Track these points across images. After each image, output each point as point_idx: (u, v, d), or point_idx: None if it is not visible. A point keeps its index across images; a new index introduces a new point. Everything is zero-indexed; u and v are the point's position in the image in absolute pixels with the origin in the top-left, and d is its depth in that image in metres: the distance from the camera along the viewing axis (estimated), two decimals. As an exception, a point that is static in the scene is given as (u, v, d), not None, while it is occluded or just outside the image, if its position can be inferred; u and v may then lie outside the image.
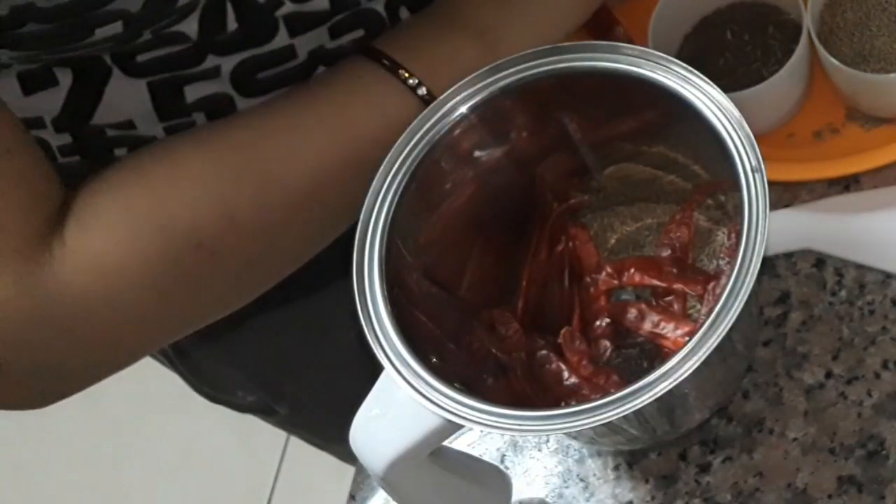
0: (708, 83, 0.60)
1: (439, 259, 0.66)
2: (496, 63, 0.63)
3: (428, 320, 0.64)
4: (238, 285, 0.68)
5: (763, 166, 0.58)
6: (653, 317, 0.67)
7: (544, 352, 0.68)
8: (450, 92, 0.63)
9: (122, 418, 1.83)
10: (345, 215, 0.67)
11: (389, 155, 0.63)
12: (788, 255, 0.73)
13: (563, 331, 0.68)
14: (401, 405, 0.58)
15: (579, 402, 0.58)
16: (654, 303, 0.69)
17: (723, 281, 0.58)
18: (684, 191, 0.69)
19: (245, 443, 1.77)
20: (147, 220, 0.63)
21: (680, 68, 0.61)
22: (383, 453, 0.58)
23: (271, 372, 0.96)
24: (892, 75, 0.71)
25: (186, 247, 0.64)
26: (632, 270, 0.69)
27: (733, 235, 0.67)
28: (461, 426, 0.57)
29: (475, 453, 0.74)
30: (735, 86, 0.72)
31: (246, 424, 1.11)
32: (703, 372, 0.56)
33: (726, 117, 0.59)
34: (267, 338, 0.92)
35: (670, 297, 0.69)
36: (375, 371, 0.60)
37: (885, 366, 0.68)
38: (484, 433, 0.74)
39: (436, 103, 0.63)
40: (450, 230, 0.67)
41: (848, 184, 0.73)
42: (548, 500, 0.72)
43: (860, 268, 0.71)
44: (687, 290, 0.68)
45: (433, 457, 0.60)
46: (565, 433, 0.70)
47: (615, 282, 0.70)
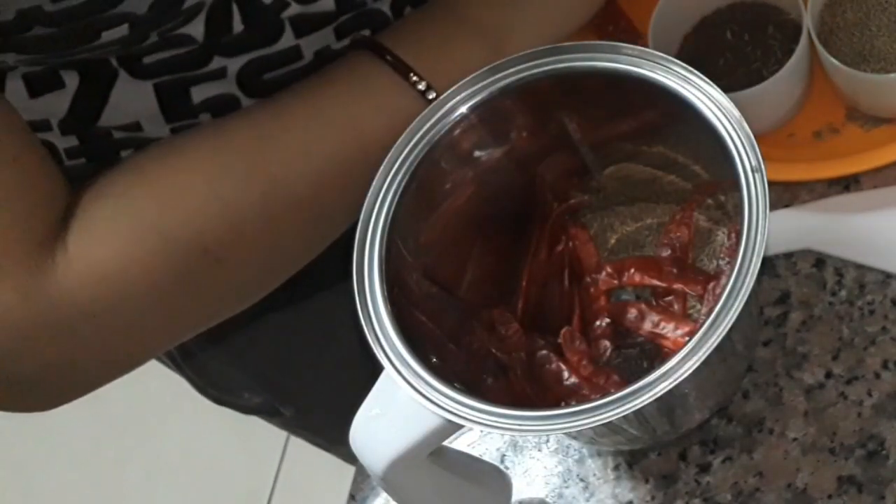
0: (708, 83, 0.60)
1: (439, 259, 0.66)
2: (496, 63, 0.63)
3: (428, 320, 0.64)
4: (243, 289, 0.68)
5: (763, 166, 0.58)
6: (653, 317, 0.67)
7: (544, 352, 0.68)
8: (450, 92, 0.63)
9: (122, 419, 1.83)
10: (347, 215, 0.67)
11: (389, 155, 0.63)
12: (788, 255, 0.73)
13: (563, 331, 0.68)
14: (401, 405, 0.58)
15: (579, 402, 0.58)
16: (654, 303, 0.69)
17: (723, 281, 0.58)
18: (684, 191, 0.69)
19: (245, 443, 1.77)
20: (152, 227, 0.63)
21: (680, 68, 0.61)
22: (383, 453, 0.58)
23: (277, 373, 0.96)
24: (892, 75, 0.71)
25: (191, 254, 0.64)
26: (632, 270, 0.69)
27: (733, 235, 0.67)
28: (461, 426, 0.57)
29: (475, 453, 0.74)
30: (735, 86, 0.72)
31: (246, 425, 1.11)
32: (703, 372, 0.56)
33: (726, 117, 0.59)
34: (273, 339, 0.92)
35: (670, 297, 0.69)
36: (375, 371, 0.60)
37: (885, 366, 0.68)
38: (484, 433, 0.74)
39: (436, 103, 0.64)
40: (450, 230, 0.67)
41: (848, 184, 0.73)
42: (548, 500, 0.72)
43: (860, 268, 0.71)
44: (687, 290, 0.68)
45: (433, 457, 0.60)
46: (565, 433, 0.70)
47: (615, 282, 0.70)
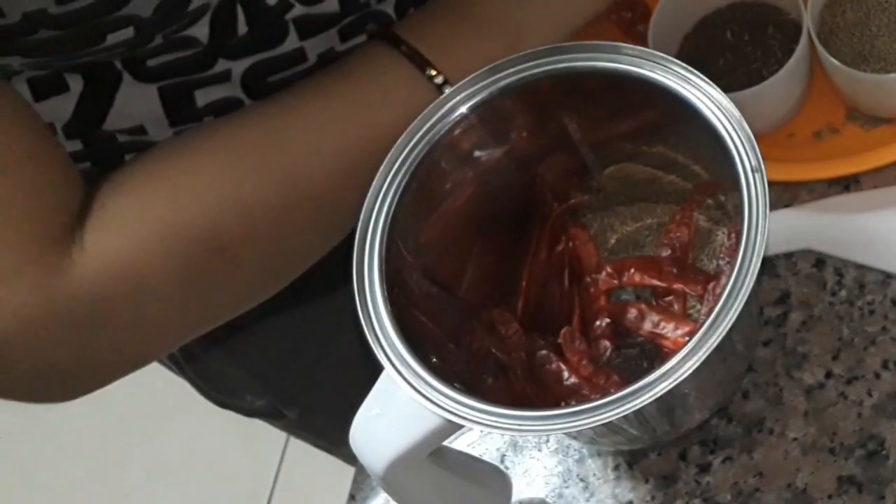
0: (708, 83, 0.60)
1: (439, 259, 0.66)
2: (496, 63, 0.63)
3: (428, 320, 0.64)
4: (258, 285, 0.68)
5: (763, 166, 0.58)
6: (653, 317, 0.67)
7: (544, 352, 0.68)
8: (450, 92, 0.63)
9: (123, 419, 1.83)
10: (361, 209, 0.67)
11: (389, 155, 0.63)
12: (788, 255, 0.73)
13: (563, 331, 0.68)
14: (401, 405, 0.58)
15: (579, 402, 0.58)
16: (654, 303, 0.69)
17: (723, 281, 0.58)
18: (684, 191, 0.69)
19: (245, 444, 1.77)
20: (168, 225, 0.63)
21: (680, 68, 0.61)
22: (383, 453, 0.58)
23: (280, 375, 0.96)
24: (892, 75, 0.71)
25: (207, 252, 0.64)
26: (632, 270, 0.69)
27: (733, 235, 0.67)
28: (461, 426, 0.57)
29: (475, 453, 0.74)
30: (735, 86, 0.72)
31: (246, 425, 1.11)
32: (703, 372, 0.56)
33: (726, 117, 0.59)
34: (275, 341, 0.92)
35: (670, 297, 0.69)
36: (375, 371, 0.60)
37: (885, 366, 0.68)
38: (484, 433, 0.74)
39: (436, 103, 0.63)
40: (450, 230, 0.67)
41: (848, 184, 0.73)
42: (548, 500, 0.72)
43: (860, 268, 0.71)
44: (687, 290, 0.68)
45: (433, 457, 0.60)
46: (565, 433, 0.70)
47: (615, 282, 0.70)
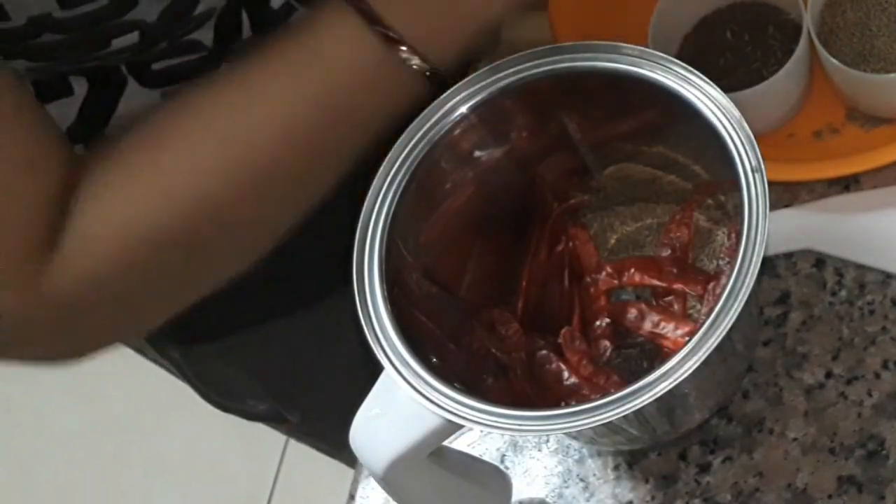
0: (708, 83, 0.60)
1: (439, 259, 0.66)
2: (496, 63, 0.63)
3: (428, 320, 0.64)
4: (237, 254, 0.67)
5: (763, 166, 0.58)
6: (653, 317, 0.68)
7: (544, 352, 0.68)
8: (450, 92, 0.63)
9: (122, 420, 1.83)
10: (332, 164, 0.65)
11: (389, 155, 0.63)
12: (788, 255, 0.73)
13: (563, 331, 0.68)
14: (401, 405, 0.58)
15: (579, 402, 0.58)
16: (654, 303, 0.69)
17: (723, 281, 0.58)
18: (684, 191, 0.69)
19: (244, 444, 1.77)
20: (144, 230, 0.62)
21: (680, 68, 0.61)
22: (383, 453, 0.58)
23: (282, 378, 0.96)
24: (892, 75, 0.71)
25: (183, 250, 0.63)
26: (632, 270, 0.69)
27: (733, 235, 0.67)
28: (461, 426, 0.57)
29: (475, 453, 0.74)
30: (735, 86, 0.72)
31: (245, 426, 1.10)
32: (703, 372, 0.56)
33: (726, 117, 0.59)
34: (276, 345, 0.92)
35: (670, 297, 0.69)
36: (376, 372, 0.60)
37: (885, 366, 0.68)
38: (484, 433, 0.74)
39: (436, 103, 0.63)
40: (450, 230, 0.67)
41: (848, 184, 0.73)
42: (548, 500, 0.72)
43: (860, 268, 0.71)
44: (687, 290, 0.68)
45: (433, 457, 0.60)
46: (565, 433, 0.70)
47: (615, 282, 0.70)
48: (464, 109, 0.63)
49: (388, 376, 0.58)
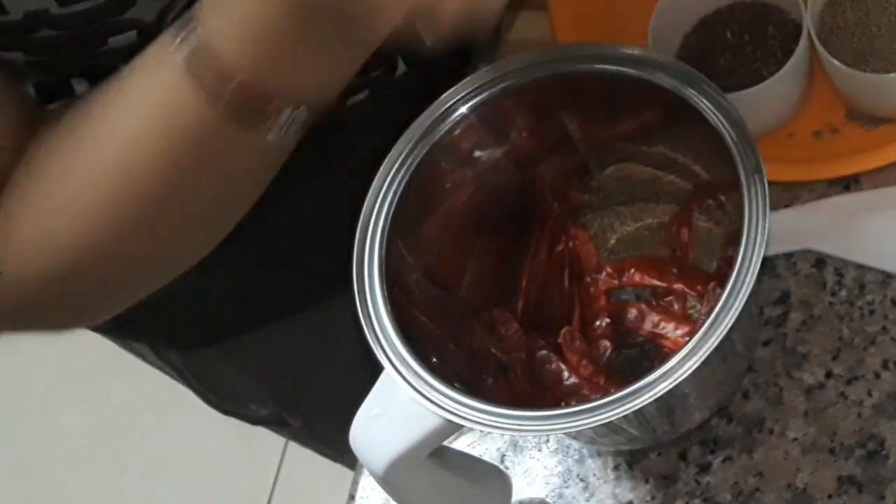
0: (708, 83, 0.60)
1: (439, 259, 0.66)
2: (496, 63, 0.63)
3: (428, 320, 0.64)
4: (131, 287, 0.65)
5: (763, 166, 0.58)
6: (653, 317, 0.68)
7: (544, 352, 0.68)
8: (450, 92, 0.63)
9: (121, 421, 1.83)
10: (203, 211, 0.61)
11: (389, 155, 0.63)
12: (788, 255, 0.73)
13: (563, 331, 0.68)
14: (401, 405, 0.58)
15: (579, 402, 0.58)
16: (654, 303, 0.69)
17: (723, 281, 0.58)
18: (684, 191, 0.69)
19: (244, 444, 1.77)
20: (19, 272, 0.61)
21: (680, 68, 0.61)
22: (383, 453, 0.58)
23: (284, 382, 0.96)
24: (892, 75, 0.71)
25: (61, 278, 0.61)
26: (632, 270, 0.69)
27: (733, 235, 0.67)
28: (461, 426, 0.57)
29: (475, 453, 0.74)
30: (735, 86, 0.72)
31: (245, 427, 1.10)
32: (703, 372, 0.56)
33: (726, 117, 0.59)
34: (278, 348, 0.91)
35: (670, 297, 0.69)
36: (376, 372, 0.60)
37: (885, 366, 0.68)
38: (484, 433, 0.74)
39: (436, 103, 0.63)
40: (450, 230, 0.67)
41: (848, 184, 0.73)
42: (548, 500, 0.72)
43: (860, 268, 0.71)
44: (687, 290, 0.68)
45: (433, 457, 0.60)
46: (565, 433, 0.70)
47: (615, 282, 0.70)
48: (464, 109, 0.63)
49: (388, 376, 0.58)
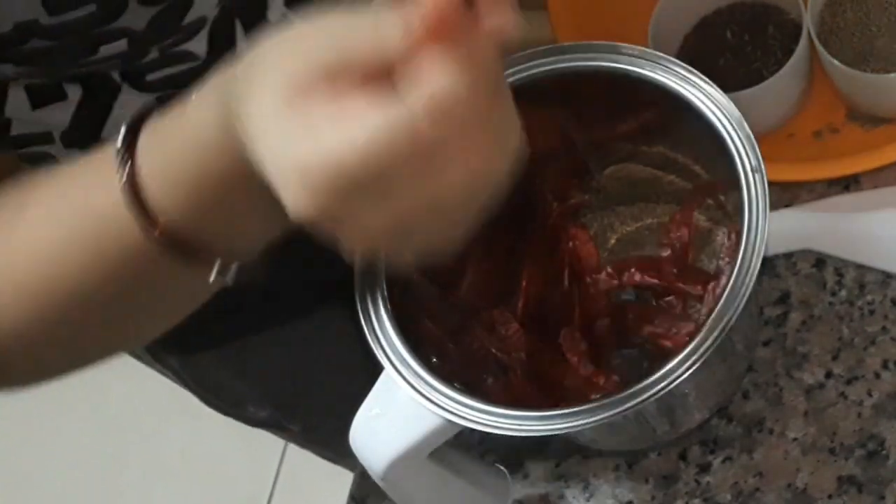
0: (708, 83, 0.60)
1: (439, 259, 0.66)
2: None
3: (428, 320, 0.64)
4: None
5: (763, 166, 0.58)
6: (653, 317, 0.67)
7: (544, 352, 0.68)
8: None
9: (121, 421, 1.83)
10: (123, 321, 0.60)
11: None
12: (788, 255, 0.73)
13: (563, 331, 0.68)
14: (401, 405, 0.58)
15: (579, 402, 0.58)
16: (654, 303, 0.69)
17: (723, 281, 0.58)
18: (684, 191, 0.69)
19: (244, 445, 1.77)
20: None
21: (680, 68, 0.61)
22: (383, 453, 0.58)
23: (283, 386, 0.95)
24: (892, 75, 0.72)
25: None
26: (632, 270, 0.69)
27: (733, 235, 0.67)
28: (461, 426, 0.57)
29: (475, 453, 0.74)
30: (735, 86, 0.72)
31: (245, 427, 1.10)
32: (703, 372, 0.56)
33: (726, 117, 0.59)
34: (277, 352, 0.91)
35: (670, 297, 0.69)
36: (374, 376, 0.60)
37: (885, 366, 0.68)
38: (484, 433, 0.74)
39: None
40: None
41: (848, 184, 0.73)
42: (548, 500, 0.72)
43: (860, 268, 0.71)
44: (687, 290, 0.68)
45: (433, 457, 0.60)
46: (565, 433, 0.70)
47: (615, 282, 0.70)
48: (464, 109, 0.63)
49: (388, 376, 0.58)
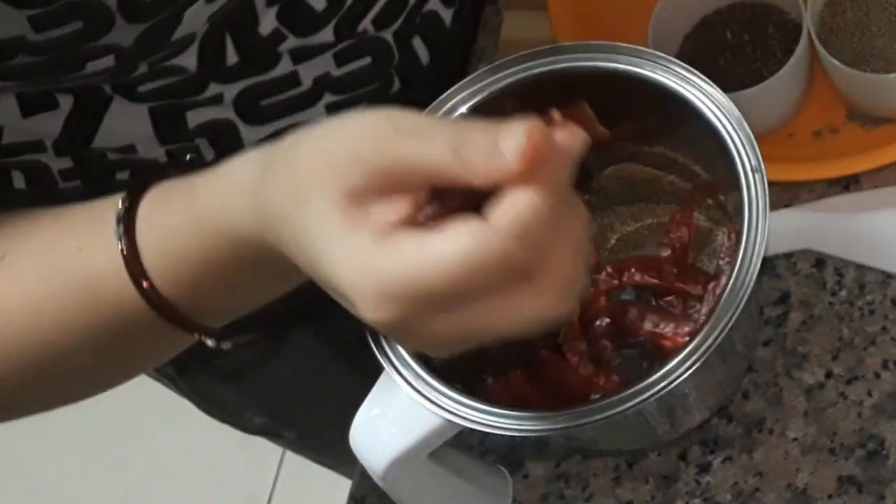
0: (708, 83, 0.60)
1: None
2: (496, 63, 0.63)
3: (428, 320, 0.63)
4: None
5: (763, 166, 0.58)
6: (653, 317, 0.67)
7: (544, 352, 0.67)
8: (450, 92, 0.63)
9: (120, 423, 1.83)
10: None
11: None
12: (788, 255, 0.73)
13: (563, 331, 0.68)
14: (401, 405, 0.58)
15: (579, 402, 0.58)
16: (654, 303, 0.69)
17: (723, 281, 0.58)
18: (684, 191, 0.69)
19: (243, 446, 1.76)
20: None
21: (680, 68, 0.61)
22: (383, 453, 0.58)
23: (279, 398, 0.95)
24: (892, 75, 0.71)
25: None
26: (632, 270, 0.69)
27: (733, 235, 0.67)
28: (461, 426, 0.57)
29: (475, 453, 0.74)
30: (735, 86, 0.72)
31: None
32: (703, 372, 0.56)
33: (726, 117, 0.59)
34: (273, 364, 0.91)
35: (670, 297, 0.68)
36: (370, 383, 0.59)
37: (885, 366, 0.68)
38: (484, 433, 0.74)
39: (436, 103, 0.63)
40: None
41: (848, 184, 0.73)
42: (548, 500, 0.72)
43: (860, 268, 0.71)
44: (687, 290, 0.68)
45: (433, 457, 0.60)
46: (565, 433, 0.70)
47: (615, 282, 0.69)
48: (464, 109, 0.63)
49: (388, 376, 0.58)
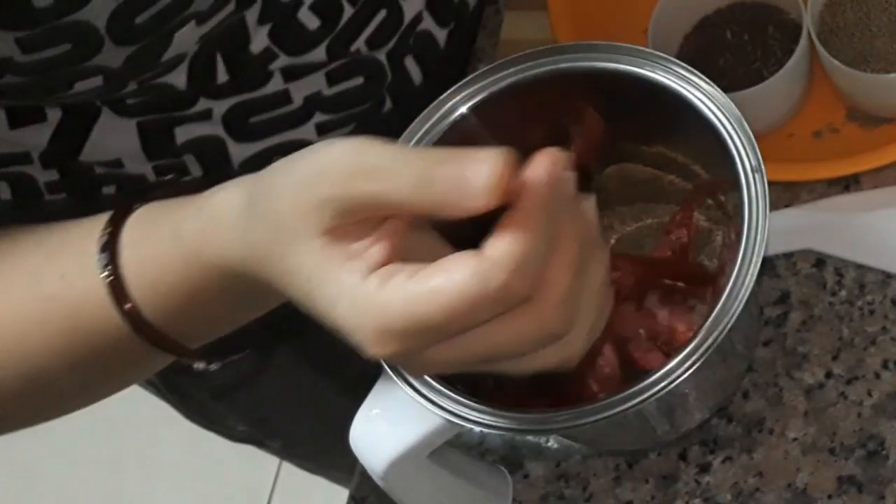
0: (708, 83, 0.60)
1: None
2: (496, 63, 0.63)
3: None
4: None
5: (763, 166, 0.58)
6: (653, 316, 0.67)
7: (544, 352, 0.67)
8: (450, 92, 0.63)
9: (119, 424, 1.83)
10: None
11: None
12: (788, 255, 0.73)
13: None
14: (401, 405, 0.58)
15: (579, 402, 0.58)
16: (654, 302, 0.69)
17: (723, 281, 0.58)
18: (684, 191, 0.69)
19: (243, 446, 1.76)
20: None
21: (680, 68, 0.61)
22: (383, 453, 0.58)
23: (263, 412, 0.95)
24: (892, 75, 0.71)
25: None
26: (631, 270, 0.69)
27: (733, 235, 0.67)
28: (461, 426, 0.57)
29: (475, 453, 0.74)
30: (735, 86, 0.72)
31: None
32: (703, 372, 0.56)
33: (726, 117, 0.59)
34: (258, 381, 0.91)
35: (670, 297, 0.68)
36: (354, 401, 0.60)
37: (885, 366, 0.68)
38: (484, 433, 0.74)
39: (435, 103, 0.63)
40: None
41: (848, 184, 0.73)
42: (548, 500, 0.72)
43: (860, 268, 0.71)
44: (687, 289, 0.68)
45: (433, 457, 0.60)
46: (565, 433, 0.70)
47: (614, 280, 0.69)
48: (464, 109, 0.63)
49: (388, 376, 0.58)
